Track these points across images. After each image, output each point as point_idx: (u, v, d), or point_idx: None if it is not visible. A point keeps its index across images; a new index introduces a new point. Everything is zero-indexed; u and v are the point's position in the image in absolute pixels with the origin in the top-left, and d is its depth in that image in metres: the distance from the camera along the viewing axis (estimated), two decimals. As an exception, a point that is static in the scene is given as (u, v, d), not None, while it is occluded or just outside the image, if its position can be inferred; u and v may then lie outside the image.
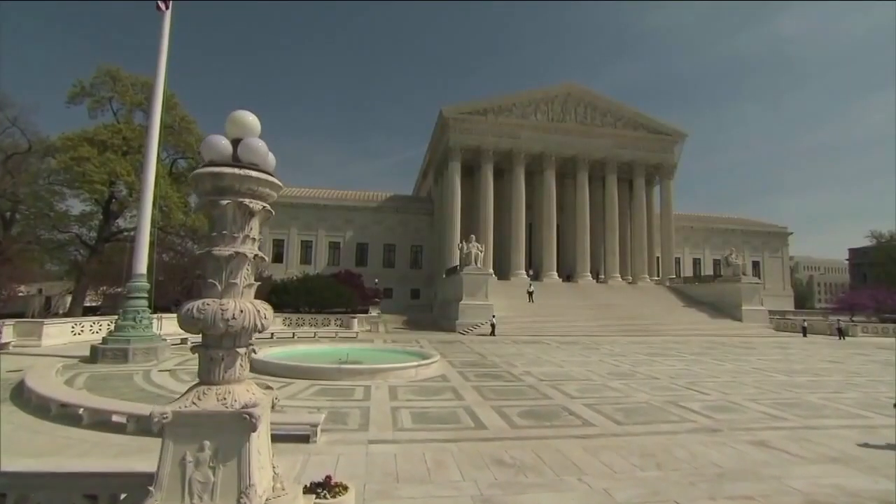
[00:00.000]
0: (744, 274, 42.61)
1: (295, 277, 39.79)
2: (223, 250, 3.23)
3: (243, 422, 2.97)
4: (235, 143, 3.32)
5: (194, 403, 3.01)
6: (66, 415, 8.90)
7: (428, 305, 51.43)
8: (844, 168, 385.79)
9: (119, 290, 27.48)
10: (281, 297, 33.00)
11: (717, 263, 63.39)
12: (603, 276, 52.55)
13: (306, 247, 55.97)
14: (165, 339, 18.32)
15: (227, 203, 3.20)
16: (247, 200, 3.23)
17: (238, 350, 3.22)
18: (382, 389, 12.50)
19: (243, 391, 3.15)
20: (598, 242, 53.37)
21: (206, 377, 3.21)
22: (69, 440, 7.82)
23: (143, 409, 9.02)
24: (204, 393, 3.07)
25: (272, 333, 25.56)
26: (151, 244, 17.39)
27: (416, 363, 15.43)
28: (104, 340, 16.63)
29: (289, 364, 14.57)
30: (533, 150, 50.52)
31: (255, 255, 3.35)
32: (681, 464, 7.39)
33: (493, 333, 31.07)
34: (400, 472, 6.75)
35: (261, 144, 3.32)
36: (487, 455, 7.55)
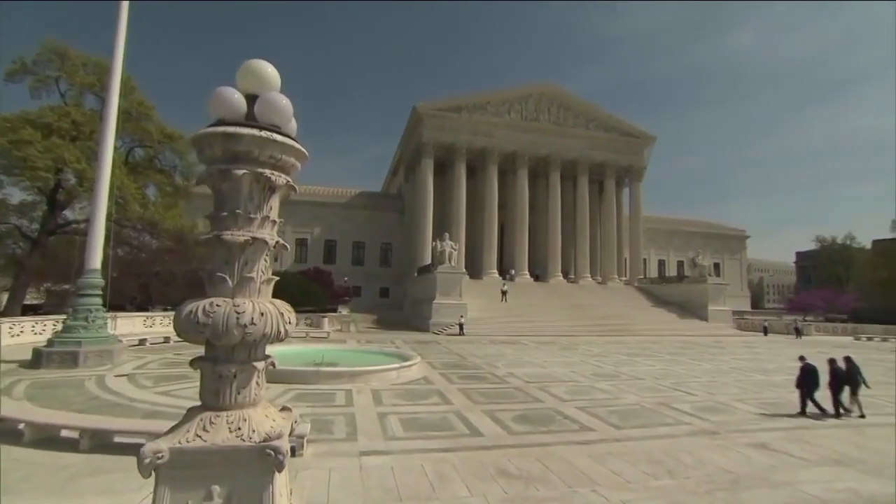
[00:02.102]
0: (709, 275, 44.09)
1: (261, 275, 38.15)
2: (237, 235, 2.40)
3: (265, 459, 2.17)
4: (251, 99, 2.53)
5: (199, 436, 2.16)
6: (3, 431, 7.72)
7: (397, 304, 50.50)
8: (790, 176, 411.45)
9: (66, 287, 25.22)
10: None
11: (680, 264, 65.70)
12: (573, 276, 53.15)
13: (272, 243, 53.94)
14: (121, 341, 16.82)
15: (244, 174, 2.38)
16: (268, 172, 2.44)
17: (255, 364, 2.44)
18: (365, 394, 11.82)
19: (262, 418, 2.38)
20: (568, 242, 53.95)
21: (213, 400, 2.37)
22: (9, 462, 6.71)
23: (99, 421, 8.00)
24: (211, 422, 2.24)
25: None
26: (106, 238, 15.88)
27: (397, 365, 14.75)
28: (49, 342, 15.01)
29: (261, 367, 13.56)
30: (506, 149, 50.45)
31: (277, 243, 2.54)
32: (691, 470, 7.17)
33: (461, 333, 30.63)
34: (401, 488, 6.14)
35: (285, 101, 2.52)
36: (491, 465, 7.09)
